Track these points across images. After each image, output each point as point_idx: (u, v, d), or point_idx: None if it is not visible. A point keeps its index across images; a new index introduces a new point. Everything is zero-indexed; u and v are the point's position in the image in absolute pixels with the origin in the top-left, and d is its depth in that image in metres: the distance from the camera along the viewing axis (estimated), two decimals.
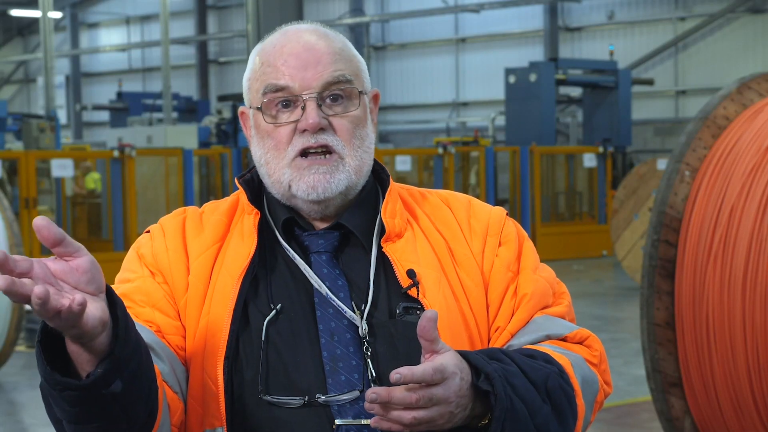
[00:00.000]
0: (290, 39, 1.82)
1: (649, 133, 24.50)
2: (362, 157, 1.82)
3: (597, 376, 1.82)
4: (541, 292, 1.85)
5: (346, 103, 1.80)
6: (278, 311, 1.76)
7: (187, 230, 1.86)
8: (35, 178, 13.04)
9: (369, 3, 29.87)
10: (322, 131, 1.78)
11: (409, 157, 16.24)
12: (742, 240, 4.10)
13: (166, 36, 23.15)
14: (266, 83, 1.80)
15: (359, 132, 1.82)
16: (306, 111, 1.77)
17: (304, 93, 1.78)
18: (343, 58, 1.81)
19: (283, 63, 1.79)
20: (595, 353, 1.83)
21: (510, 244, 1.87)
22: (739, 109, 4.51)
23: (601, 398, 1.83)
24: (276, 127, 1.80)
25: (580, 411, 1.74)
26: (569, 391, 1.72)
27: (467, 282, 1.82)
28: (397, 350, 1.73)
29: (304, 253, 1.82)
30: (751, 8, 23.49)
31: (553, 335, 1.81)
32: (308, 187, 1.77)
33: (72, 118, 34.27)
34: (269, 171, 1.82)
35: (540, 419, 1.66)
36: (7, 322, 7.98)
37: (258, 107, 1.81)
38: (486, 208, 1.92)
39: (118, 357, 1.50)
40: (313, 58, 1.79)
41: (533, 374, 1.68)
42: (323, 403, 1.71)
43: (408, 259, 1.80)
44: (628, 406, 7.13)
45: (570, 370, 1.75)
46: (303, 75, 1.78)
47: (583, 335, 1.84)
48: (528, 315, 1.83)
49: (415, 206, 1.90)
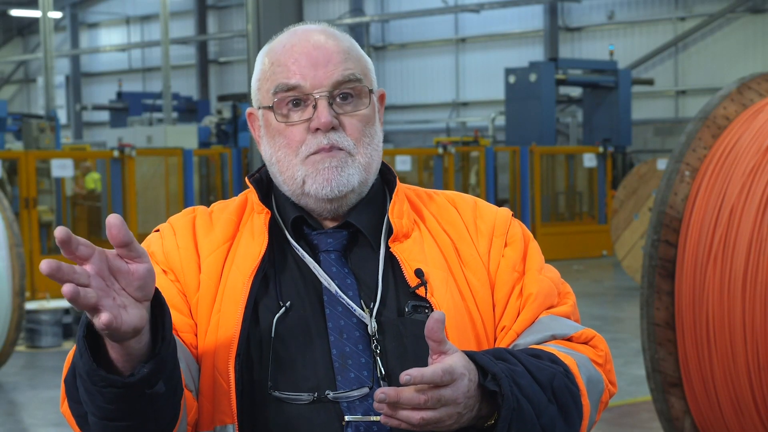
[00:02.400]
0: (300, 38, 1.83)
1: (649, 133, 24.50)
2: (371, 154, 1.84)
3: (602, 376, 1.82)
4: (547, 292, 1.86)
5: (356, 102, 1.82)
6: (287, 309, 1.77)
7: (197, 229, 1.87)
8: (35, 178, 13.03)
9: (369, 3, 29.87)
10: (333, 130, 1.79)
11: (409, 157, 16.24)
12: (742, 240, 4.10)
13: (166, 36, 23.15)
14: (277, 82, 1.80)
15: (369, 130, 1.84)
16: (318, 110, 1.78)
17: (315, 91, 1.79)
18: (352, 58, 1.83)
19: (293, 62, 1.80)
20: (600, 353, 1.84)
21: (516, 245, 1.89)
22: (739, 109, 4.51)
23: (606, 398, 1.84)
24: (287, 126, 1.81)
25: (586, 410, 1.75)
26: (575, 391, 1.73)
27: (474, 282, 1.83)
28: (406, 348, 1.74)
29: (313, 252, 1.83)
30: (751, 8, 23.49)
31: (558, 335, 1.82)
32: (324, 180, 1.78)
33: (72, 118, 34.27)
34: (280, 169, 1.82)
35: (546, 419, 1.67)
36: (7, 322, 7.98)
37: (269, 106, 1.82)
38: (492, 209, 1.93)
39: (163, 358, 1.53)
40: (324, 57, 1.80)
41: (539, 374, 1.69)
42: (333, 399, 1.73)
43: (416, 259, 1.81)
44: (628, 406, 7.13)
45: (575, 370, 1.75)
46: (314, 74, 1.79)
47: (588, 335, 1.85)
48: (533, 315, 1.84)
49: (422, 207, 1.91)
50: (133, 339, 1.50)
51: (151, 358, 1.53)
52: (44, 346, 9.62)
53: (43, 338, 9.65)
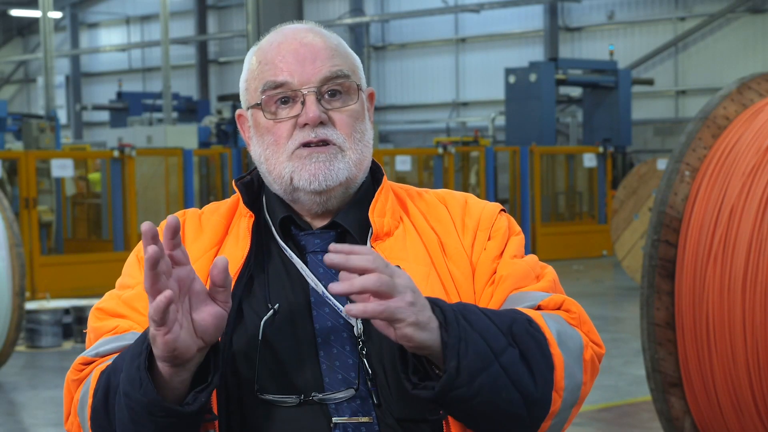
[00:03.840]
0: (287, 37, 1.83)
1: (649, 133, 24.50)
2: (362, 151, 1.83)
3: (579, 332, 1.76)
4: (520, 274, 1.82)
5: (344, 98, 1.82)
6: (275, 311, 1.77)
7: (186, 233, 1.87)
8: (35, 178, 13.03)
9: (369, 3, 29.86)
10: (321, 125, 1.79)
11: (409, 157, 16.23)
12: (742, 240, 4.10)
13: (166, 36, 23.14)
14: (265, 80, 1.81)
15: (359, 126, 1.83)
16: (306, 105, 1.78)
17: (303, 87, 1.79)
18: (339, 54, 1.83)
19: (281, 60, 1.80)
20: (572, 315, 1.78)
21: (498, 238, 1.87)
22: (739, 109, 4.51)
23: (590, 356, 1.76)
24: (276, 123, 1.80)
25: (557, 360, 1.69)
26: (539, 338, 1.67)
27: (457, 274, 1.82)
28: (392, 349, 1.73)
29: (300, 253, 1.83)
30: (751, 8, 23.49)
31: (526, 307, 1.77)
32: (310, 175, 1.78)
33: (72, 118, 34.26)
34: (269, 168, 1.82)
35: (506, 360, 1.62)
36: (7, 322, 7.98)
37: (257, 104, 1.82)
38: (480, 205, 1.92)
39: (214, 387, 1.61)
40: (311, 53, 1.80)
41: (497, 319, 1.66)
42: (320, 401, 1.72)
43: (396, 257, 1.80)
44: (628, 406, 7.13)
45: (540, 321, 1.70)
46: (302, 70, 1.79)
47: (557, 301, 1.80)
48: (504, 295, 1.81)
49: (409, 203, 1.91)
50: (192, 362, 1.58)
51: (206, 387, 1.60)
52: (44, 346, 9.62)
53: (43, 338, 9.65)
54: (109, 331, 1.79)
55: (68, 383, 1.78)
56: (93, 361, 1.76)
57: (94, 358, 1.76)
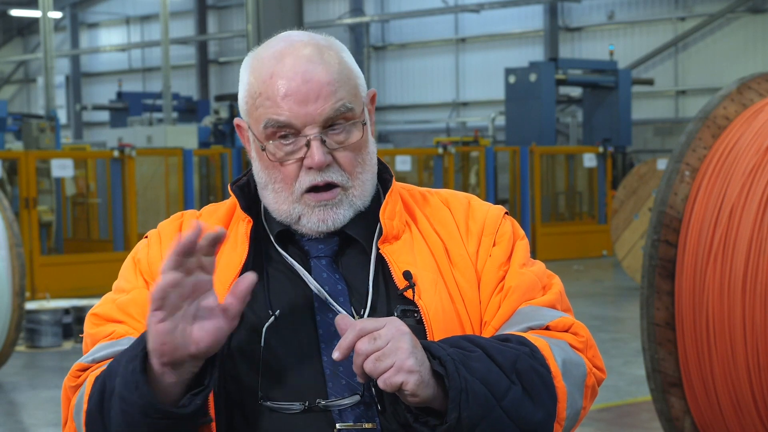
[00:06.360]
0: (286, 67, 1.78)
1: (649, 133, 24.50)
2: (365, 179, 1.82)
3: (583, 359, 1.78)
4: (528, 285, 1.84)
5: (348, 129, 1.80)
6: (277, 317, 1.76)
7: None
8: (35, 178, 13.03)
9: (369, 3, 29.85)
10: (327, 167, 1.78)
11: (409, 157, 16.23)
12: (742, 240, 4.10)
13: (166, 36, 23.14)
14: (267, 118, 1.78)
15: (361, 157, 1.82)
16: (311, 149, 1.77)
17: (307, 128, 1.77)
18: (341, 82, 1.79)
19: (282, 98, 1.77)
20: (580, 339, 1.80)
21: (503, 244, 1.87)
22: (739, 109, 4.51)
23: (591, 382, 1.79)
24: (283, 164, 1.80)
25: (561, 392, 1.71)
26: (543, 372, 1.70)
27: (462, 283, 1.82)
28: None
29: (304, 258, 1.83)
30: (751, 8, 23.49)
31: (535, 326, 1.79)
32: (318, 220, 1.79)
33: (72, 118, 34.25)
34: (276, 199, 1.82)
35: (508, 402, 1.65)
36: (7, 322, 7.98)
37: (259, 137, 1.81)
38: (484, 208, 1.92)
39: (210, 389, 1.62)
40: (313, 91, 1.76)
41: (500, 357, 1.67)
42: (324, 407, 1.72)
43: (405, 261, 1.80)
44: (628, 406, 7.13)
45: (547, 351, 1.72)
46: (305, 111, 1.76)
47: (566, 323, 1.81)
48: (512, 308, 1.82)
49: (415, 208, 1.90)
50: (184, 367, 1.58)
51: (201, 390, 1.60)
52: (44, 346, 9.62)
53: (43, 338, 9.65)
54: (105, 336, 1.79)
55: (65, 389, 1.78)
56: (90, 367, 1.76)
57: (91, 364, 1.76)
